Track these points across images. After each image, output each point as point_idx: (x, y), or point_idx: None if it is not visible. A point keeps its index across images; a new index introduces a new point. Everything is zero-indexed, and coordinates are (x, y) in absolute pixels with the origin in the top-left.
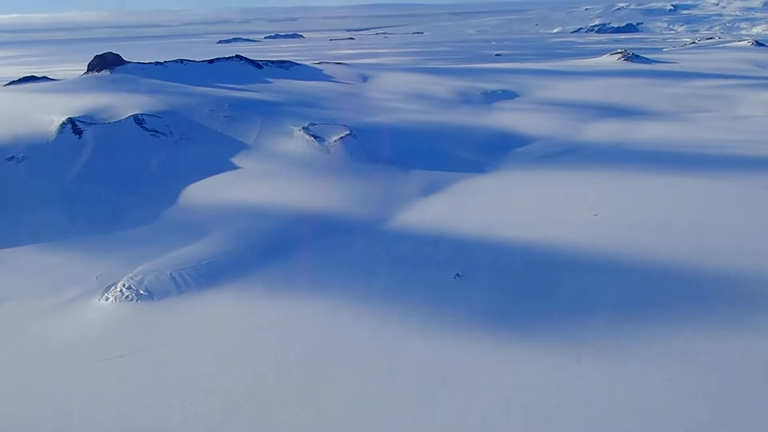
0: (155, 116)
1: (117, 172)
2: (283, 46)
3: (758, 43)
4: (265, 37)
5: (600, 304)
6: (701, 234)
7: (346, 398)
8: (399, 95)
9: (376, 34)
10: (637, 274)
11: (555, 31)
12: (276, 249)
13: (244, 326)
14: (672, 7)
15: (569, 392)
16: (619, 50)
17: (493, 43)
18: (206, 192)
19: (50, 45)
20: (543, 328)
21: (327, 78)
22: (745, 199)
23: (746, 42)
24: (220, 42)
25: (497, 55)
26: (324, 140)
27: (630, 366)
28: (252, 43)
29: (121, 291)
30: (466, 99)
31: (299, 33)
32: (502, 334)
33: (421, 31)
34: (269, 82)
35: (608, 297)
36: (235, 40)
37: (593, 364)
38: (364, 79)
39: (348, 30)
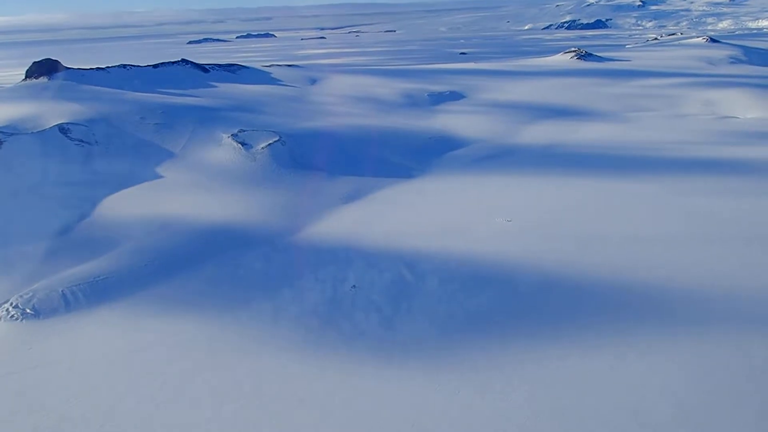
0: (82, 125)
1: (33, 184)
2: (252, 46)
3: (712, 40)
4: (237, 37)
5: (485, 318)
6: (607, 241)
7: (204, 421)
8: (343, 98)
9: (349, 32)
10: (531, 286)
11: (526, 28)
12: (176, 265)
13: (122, 346)
14: (641, 3)
15: (425, 413)
16: (573, 49)
17: (462, 41)
18: (122, 204)
19: (19, 47)
20: (424, 344)
21: (274, 81)
22: (664, 204)
23: (701, 39)
24: (190, 42)
25: (462, 53)
26: (251, 147)
27: (494, 384)
28: (223, 43)
29: (7, 310)
30: (412, 101)
31: (272, 32)
32: (380, 353)
33: (393, 29)
34: (213, 87)
35: (492, 310)
36: (206, 40)
37: (457, 383)
38: (312, 81)
39: (321, 29)
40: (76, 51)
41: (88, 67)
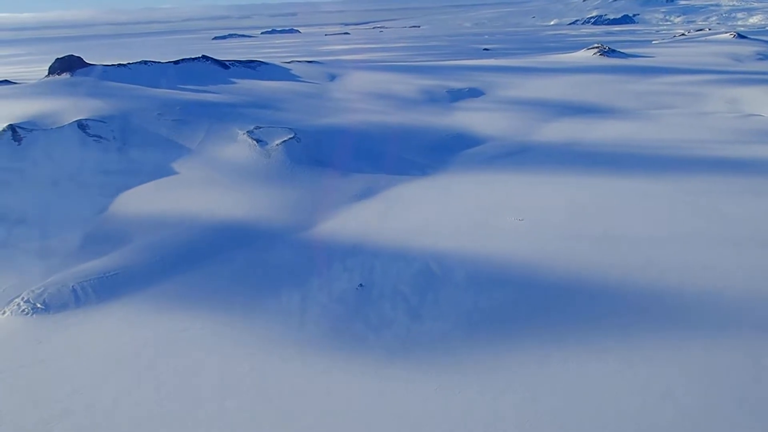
0: (100, 121)
1: (51, 180)
2: (276, 41)
3: (740, 36)
4: (262, 33)
5: (488, 319)
6: (621, 242)
7: (205, 420)
8: (362, 95)
9: (373, 28)
10: (543, 288)
11: (552, 23)
12: (185, 260)
13: (128, 342)
14: None
15: (427, 412)
16: (596, 45)
17: (486, 36)
18: (137, 200)
19: (45, 43)
20: (427, 345)
21: (293, 78)
22: (680, 204)
23: (728, 34)
24: (215, 38)
25: (485, 49)
26: (266, 144)
27: (497, 384)
28: (247, 39)
29: (18, 305)
30: (431, 98)
31: (296, 28)
32: (380, 352)
33: (418, 24)
34: (233, 83)
35: (502, 312)
36: (231, 36)
37: (457, 384)
38: (332, 78)
39: (346, 24)
40: (101, 47)
41: (110, 64)
